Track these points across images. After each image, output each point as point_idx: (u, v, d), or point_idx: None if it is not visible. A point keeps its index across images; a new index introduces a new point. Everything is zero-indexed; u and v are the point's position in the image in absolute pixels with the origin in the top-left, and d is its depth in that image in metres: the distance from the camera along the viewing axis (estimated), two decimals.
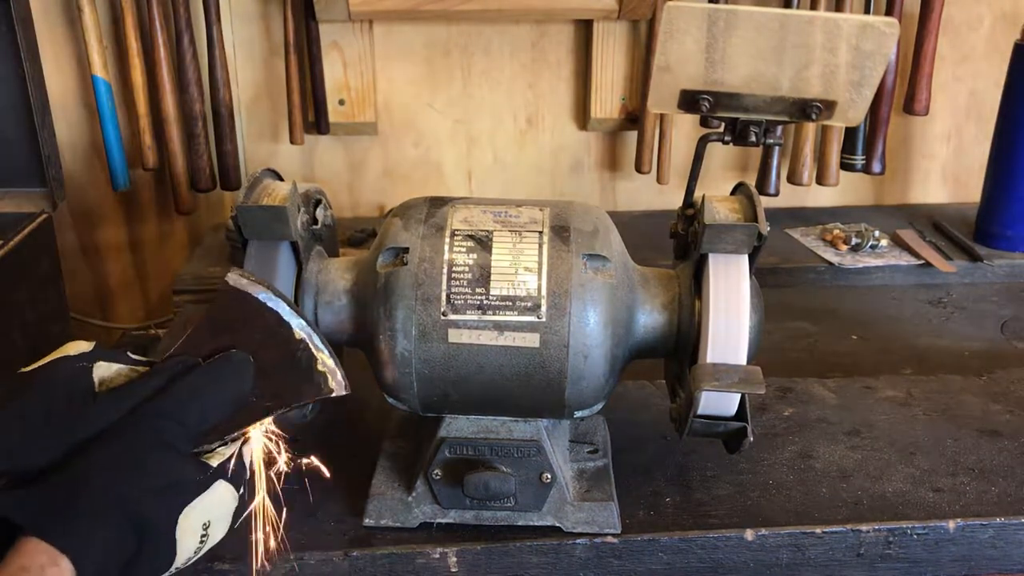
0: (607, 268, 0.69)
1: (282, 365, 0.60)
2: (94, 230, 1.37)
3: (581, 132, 1.40)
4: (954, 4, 1.32)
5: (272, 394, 0.60)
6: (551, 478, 0.70)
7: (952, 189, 1.47)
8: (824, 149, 1.35)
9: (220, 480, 0.58)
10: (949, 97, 1.41)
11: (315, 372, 0.60)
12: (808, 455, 0.81)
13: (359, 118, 1.34)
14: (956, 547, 0.73)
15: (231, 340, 0.60)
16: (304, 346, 0.60)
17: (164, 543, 0.55)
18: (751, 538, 0.72)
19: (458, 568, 0.71)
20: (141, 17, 1.22)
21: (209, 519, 0.57)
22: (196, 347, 0.60)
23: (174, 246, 1.40)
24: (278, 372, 0.60)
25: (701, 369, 0.68)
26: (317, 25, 1.27)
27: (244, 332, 0.60)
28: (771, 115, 0.68)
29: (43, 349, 0.61)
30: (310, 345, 0.61)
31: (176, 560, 0.56)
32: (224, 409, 0.58)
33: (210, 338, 0.60)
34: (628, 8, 1.25)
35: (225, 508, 0.59)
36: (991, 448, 0.82)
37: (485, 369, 0.68)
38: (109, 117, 1.25)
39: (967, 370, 0.96)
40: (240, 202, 0.69)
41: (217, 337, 0.60)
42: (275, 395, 0.60)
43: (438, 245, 0.68)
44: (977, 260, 1.22)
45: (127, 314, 1.43)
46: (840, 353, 1.04)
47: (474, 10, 1.25)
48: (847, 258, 1.23)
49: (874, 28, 0.63)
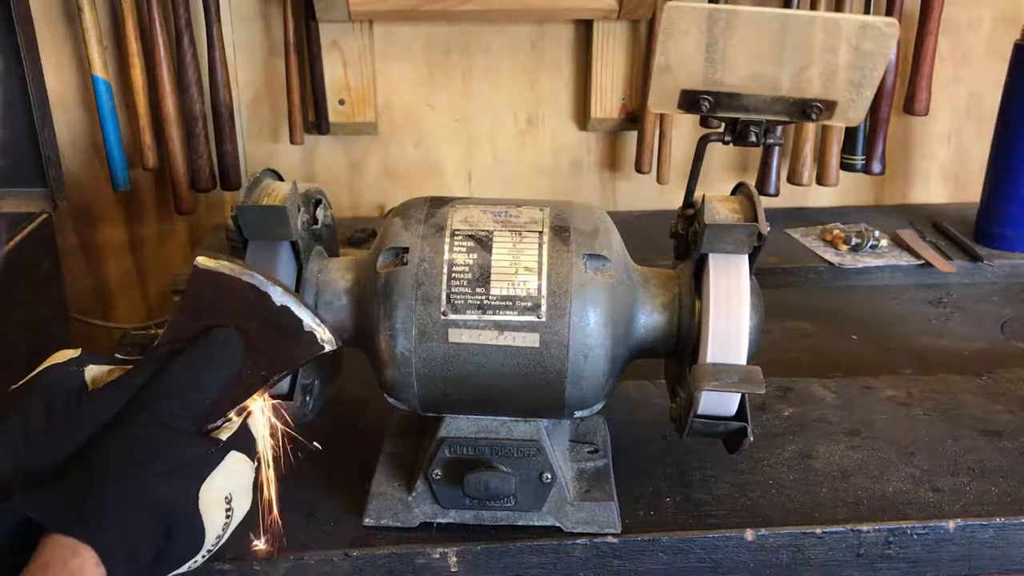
0: (607, 268, 0.69)
1: (269, 334, 0.61)
2: (94, 230, 1.37)
3: (581, 132, 1.40)
4: (954, 4, 1.32)
5: (265, 363, 0.61)
6: (551, 478, 0.70)
7: (952, 189, 1.47)
8: (824, 149, 1.35)
9: (232, 451, 0.59)
10: (949, 97, 1.41)
11: (302, 334, 0.61)
12: (808, 455, 0.81)
13: (359, 118, 1.34)
14: (956, 547, 0.73)
15: (213, 320, 0.61)
16: (286, 312, 0.61)
17: (189, 521, 0.56)
18: (751, 538, 0.72)
19: (458, 568, 0.71)
20: (141, 17, 1.22)
21: (230, 491, 0.58)
22: (180, 334, 0.61)
23: (174, 246, 1.40)
24: (266, 342, 0.61)
25: (701, 369, 0.68)
26: (317, 25, 1.27)
27: (224, 310, 0.61)
28: (771, 115, 0.68)
29: (43, 349, 0.61)
30: (292, 309, 0.61)
31: (207, 537, 0.57)
32: (219, 385, 0.59)
33: (192, 323, 0.61)
34: (628, 8, 1.25)
35: (244, 479, 0.60)
36: (991, 448, 0.82)
37: (485, 369, 0.68)
38: (109, 117, 1.25)
39: (967, 370, 0.96)
40: (240, 202, 0.69)
41: (199, 320, 0.61)
42: (268, 364, 0.61)
43: (438, 245, 0.68)
44: (977, 260, 1.22)
45: (127, 314, 1.43)
46: (840, 353, 1.04)
47: (474, 10, 1.24)
48: (847, 258, 1.23)
49: (874, 28, 0.63)
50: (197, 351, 0.60)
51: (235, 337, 0.60)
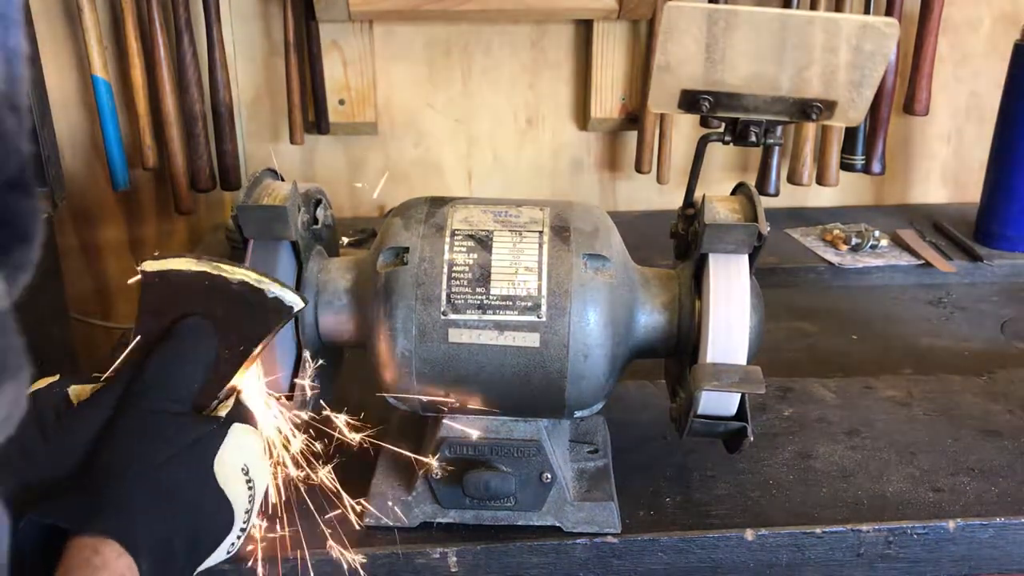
0: (607, 268, 0.69)
1: (235, 312, 0.61)
2: (94, 230, 1.37)
3: (581, 132, 1.40)
4: (954, 4, 1.32)
5: (240, 339, 0.61)
6: (551, 478, 0.70)
7: (952, 189, 1.47)
8: (824, 149, 1.35)
9: (234, 424, 0.60)
10: (949, 97, 1.41)
11: (267, 301, 0.61)
12: (808, 455, 0.81)
13: (359, 118, 1.34)
14: (956, 547, 0.73)
15: (176, 316, 0.61)
16: (246, 286, 0.61)
17: (212, 498, 0.56)
18: (751, 538, 0.72)
19: (458, 568, 0.71)
20: (141, 17, 1.22)
21: (244, 463, 0.59)
22: (148, 338, 0.61)
23: (174, 246, 1.40)
24: (235, 319, 0.61)
25: (701, 369, 0.68)
26: (317, 25, 1.27)
27: (184, 304, 0.62)
28: (771, 115, 0.68)
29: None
30: (250, 281, 0.62)
31: (236, 510, 0.58)
32: (203, 370, 0.60)
33: (156, 324, 0.61)
34: (628, 8, 1.25)
35: (255, 449, 0.61)
36: (991, 448, 0.82)
37: (485, 369, 0.68)
38: (109, 117, 1.25)
39: (967, 370, 0.96)
40: (240, 202, 0.69)
41: (162, 320, 0.61)
42: (244, 339, 0.61)
43: (438, 245, 0.68)
44: (977, 260, 1.22)
45: (127, 314, 1.43)
46: (840, 353, 1.04)
47: (474, 10, 1.25)
48: (847, 258, 1.23)
49: (874, 28, 0.63)
50: (171, 344, 0.60)
51: (203, 322, 0.61)
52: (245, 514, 0.59)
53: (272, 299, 0.61)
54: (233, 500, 0.57)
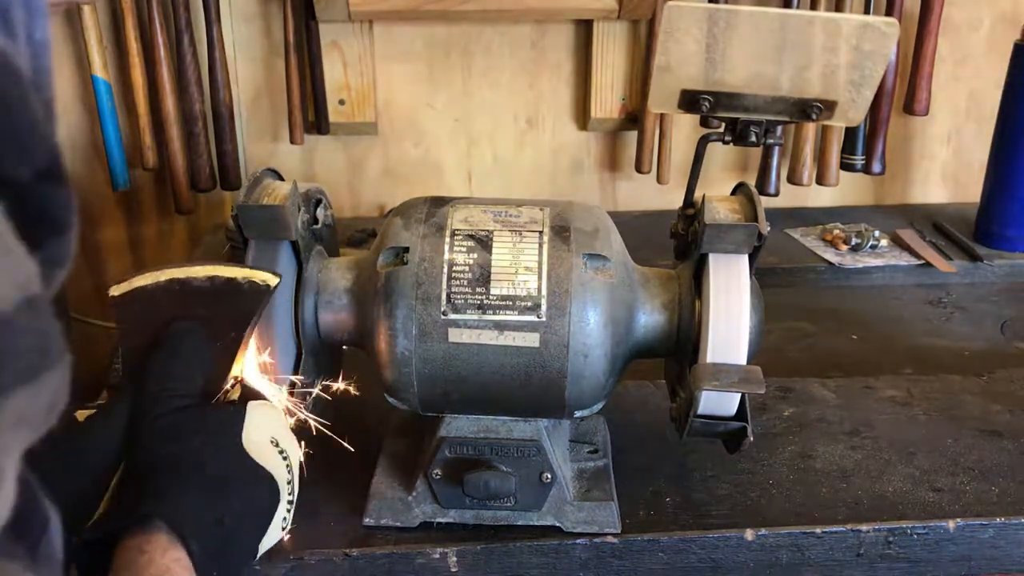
0: (607, 268, 0.69)
1: (216, 305, 0.62)
2: (94, 230, 1.37)
3: (581, 132, 1.40)
4: (954, 4, 1.32)
5: (228, 328, 0.62)
6: (551, 478, 0.70)
7: (952, 189, 1.47)
8: (824, 149, 1.35)
9: (250, 402, 0.60)
10: (949, 97, 1.41)
11: (241, 287, 0.62)
12: (808, 455, 0.81)
13: (359, 118, 1.34)
14: (956, 547, 0.73)
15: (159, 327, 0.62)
16: (215, 279, 0.62)
17: (251, 474, 0.57)
18: (751, 538, 0.72)
19: (458, 568, 0.71)
20: (141, 17, 1.22)
21: (272, 434, 0.60)
22: (136, 355, 0.62)
23: (174, 246, 1.40)
24: (219, 313, 0.62)
25: (701, 369, 0.68)
26: (317, 25, 1.27)
27: (163, 314, 0.62)
28: (771, 115, 0.68)
29: None
30: (219, 274, 0.62)
31: (279, 481, 0.59)
32: (199, 364, 0.61)
33: (141, 341, 0.62)
34: (628, 8, 1.25)
35: (278, 419, 0.62)
36: (991, 448, 0.82)
37: (485, 369, 0.68)
38: (109, 117, 1.25)
39: (967, 370, 0.96)
40: (241, 201, 0.69)
41: (145, 334, 0.62)
42: (233, 326, 0.62)
43: (438, 245, 0.68)
44: (977, 260, 1.22)
45: None
46: (840, 353, 1.04)
47: (474, 10, 1.24)
48: (847, 258, 1.23)
49: (874, 28, 0.63)
50: (164, 349, 0.60)
51: (188, 323, 0.61)
52: (288, 485, 0.60)
53: (246, 283, 0.62)
54: (274, 473, 0.58)
